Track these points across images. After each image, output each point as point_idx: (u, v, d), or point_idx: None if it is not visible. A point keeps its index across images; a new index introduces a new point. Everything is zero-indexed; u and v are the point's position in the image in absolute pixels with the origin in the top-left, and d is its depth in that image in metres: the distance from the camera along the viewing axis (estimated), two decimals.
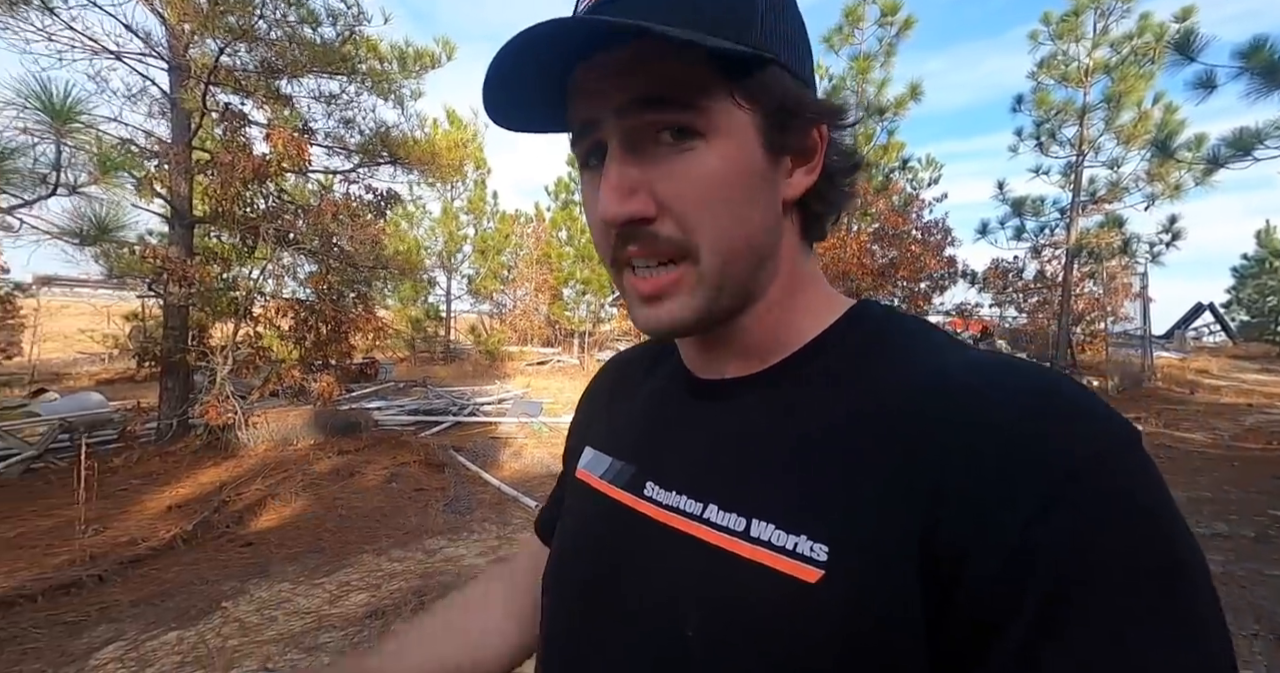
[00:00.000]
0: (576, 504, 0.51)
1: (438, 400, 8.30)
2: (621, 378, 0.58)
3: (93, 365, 11.49)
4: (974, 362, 0.35)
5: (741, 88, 0.36)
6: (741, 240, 0.38)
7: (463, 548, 3.63)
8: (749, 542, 0.35)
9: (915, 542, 0.30)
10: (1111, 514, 0.28)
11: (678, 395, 0.47)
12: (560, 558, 0.49)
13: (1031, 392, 0.32)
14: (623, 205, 0.36)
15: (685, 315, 0.38)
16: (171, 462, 5.01)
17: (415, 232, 14.86)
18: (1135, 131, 10.55)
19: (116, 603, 2.83)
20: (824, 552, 0.32)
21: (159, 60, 5.77)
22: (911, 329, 0.41)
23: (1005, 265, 13.02)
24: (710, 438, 0.42)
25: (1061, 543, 0.27)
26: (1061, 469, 0.28)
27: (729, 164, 0.36)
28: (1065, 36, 11.09)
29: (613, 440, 0.50)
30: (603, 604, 0.42)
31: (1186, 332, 23.81)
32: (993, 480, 0.29)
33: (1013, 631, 0.27)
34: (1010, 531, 0.28)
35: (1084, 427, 0.30)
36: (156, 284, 5.52)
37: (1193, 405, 9.67)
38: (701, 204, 0.36)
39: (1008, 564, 0.28)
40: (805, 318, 0.42)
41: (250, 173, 5.30)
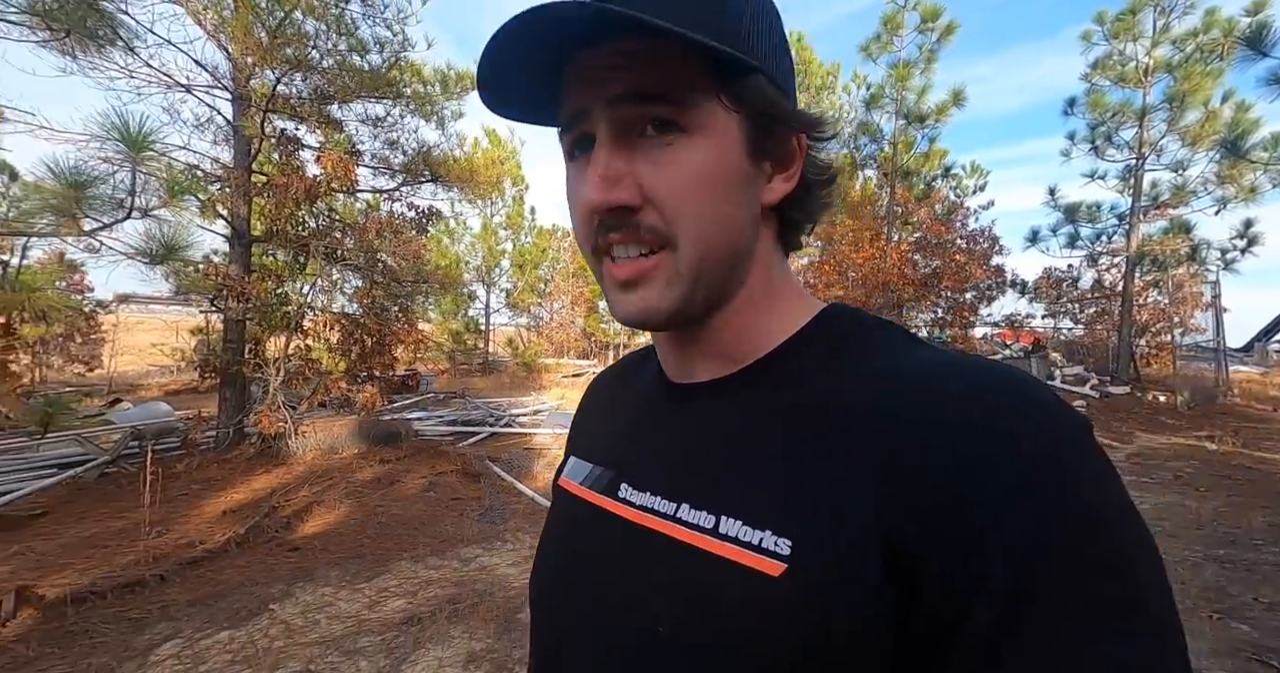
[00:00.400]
0: (556, 511, 0.53)
1: (475, 411, 8.48)
2: (605, 391, 0.60)
3: (162, 377, 12.26)
4: (931, 363, 0.36)
5: (727, 90, 0.37)
6: (720, 236, 0.39)
7: (496, 557, 3.68)
8: (717, 538, 0.36)
9: (879, 541, 0.31)
10: (1061, 512, 0.28)
11: (654, 401, 0.49)
12: (542, 564, 0.51)
13: (981, 389, 0.33)
14: (608, 193, 0.37)
15: (661, 304, 0.39)
16: (228, 468, 5.28)
17: (456, 247, 15.32)
18: (1202, 132, 9.96)
19: (175, 602, 2.98)
20: (787, 546, 0.33)
21: (224, 91, 6.20)
22: (874, 332, 0.42)
23: (1059, 274, 12.42)
24: (684, 440, 0.43)
25: (1019, 542, 0.28)
26: (1013, 468, 0.29)
27: (713, 160, 0.37)
28: (1121, 36, 10.62)
29: (592, 448, 0.52)
30: (580, 606, 0.43)
31: (1269, 344, 22.06)
32: (951, 482, 0.30)
33: (972, 629, 0.28)
34: (969, 532, 0.29)
35: (1032, 423, 0.30)
36: (218, 300, 5.87)
37: (1275, 424, 8.94)
38: (685, 196, 0.37)
39: (965, 564, 0.28)
40: (776, 322, 0.43)
41: (302, 193, 5.61)
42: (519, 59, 0.37)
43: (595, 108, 0.38)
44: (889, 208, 11.12)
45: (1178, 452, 6.86)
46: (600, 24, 0.34)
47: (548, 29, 0.34)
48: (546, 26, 0.34)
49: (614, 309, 0.42)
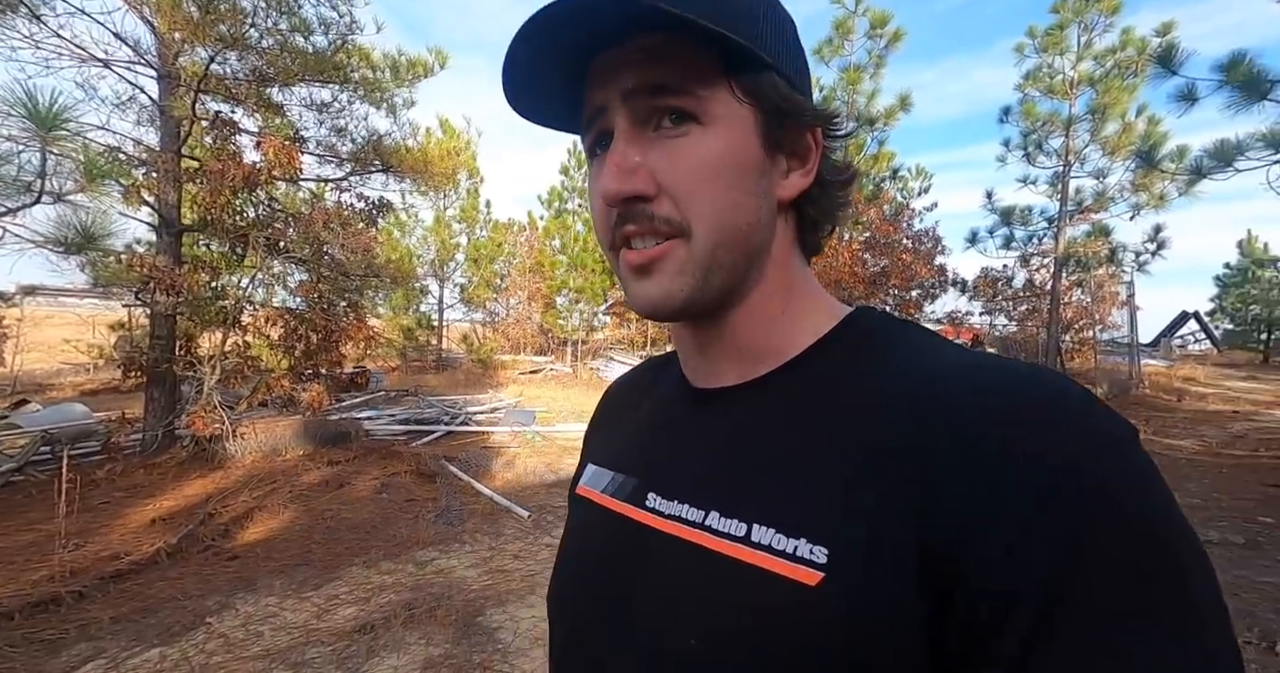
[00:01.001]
0: (577, 521, 0.51)
1: (429, 410, 8.23)
2: (624, 397, 0.59)
3: (76, 376, 11.32)
4: (967, 365, 0.35)
5: (740, 83, 0.38)
6: (733, 224, 0.39)
7: (454, 560, 3.58)
8: (750, 547, 0.35)
9: (914, 548, 0.30)
10: (1103, 516, 0.27)
11: (678, 406, 0.48)
12: (563, 574, 0.49)
13: (1022, 394, 0.32)
14: (623, 183, 0.38)
15: (675, 290, 0.39)
16: (156, 474, 4.92)
17: (408, 240, 14.81)
18: (1120, 143, 10.72)
19: (97, 620, 2.75)
20: (823, 554, 0.32)
21: (148, 68, 5.74)
22: (908, 335, 0.41)
23: (995, 274, 13.14)
24: (710, 446, 0.42)
25: (1055, 547, 0.27)
26: (1052, 472, 0.28)
27: (726, 150, 0.38)
28: (1050, 50, 11.29)
29: (614, 456, 0.51)
30: (607, 617, 0.42)
31: (1172, 340, 24.12)
32: (986, 486, 0.29)
33: (1009, 635, 0.27)
34: (1004, 536, 0.28)
35: (1075, 427, 0.30)
36: (143, 293, 5.44)
37: (1180, 413, 9.78)
38: (697, 185, 0.37)
39: (1002, 570, 0.28)
40: (800, 323, 0.43)
41: (240, 181, 5.27)
42: (539, 56, 0.38)
43: (612, 103, 0.39)
44: None
45: None
46: (622, 14, 0.35)
47: (570, 22, 0.35)
48: (569, 19, 0.35)
49: (631, 301, 0.42)
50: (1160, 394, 11.64)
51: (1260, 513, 4.45)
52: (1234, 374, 17.12)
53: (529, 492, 5.01)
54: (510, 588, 3.20)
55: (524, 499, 4.71)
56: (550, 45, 0.37)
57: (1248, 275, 23.33)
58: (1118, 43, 10.80)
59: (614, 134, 0.39)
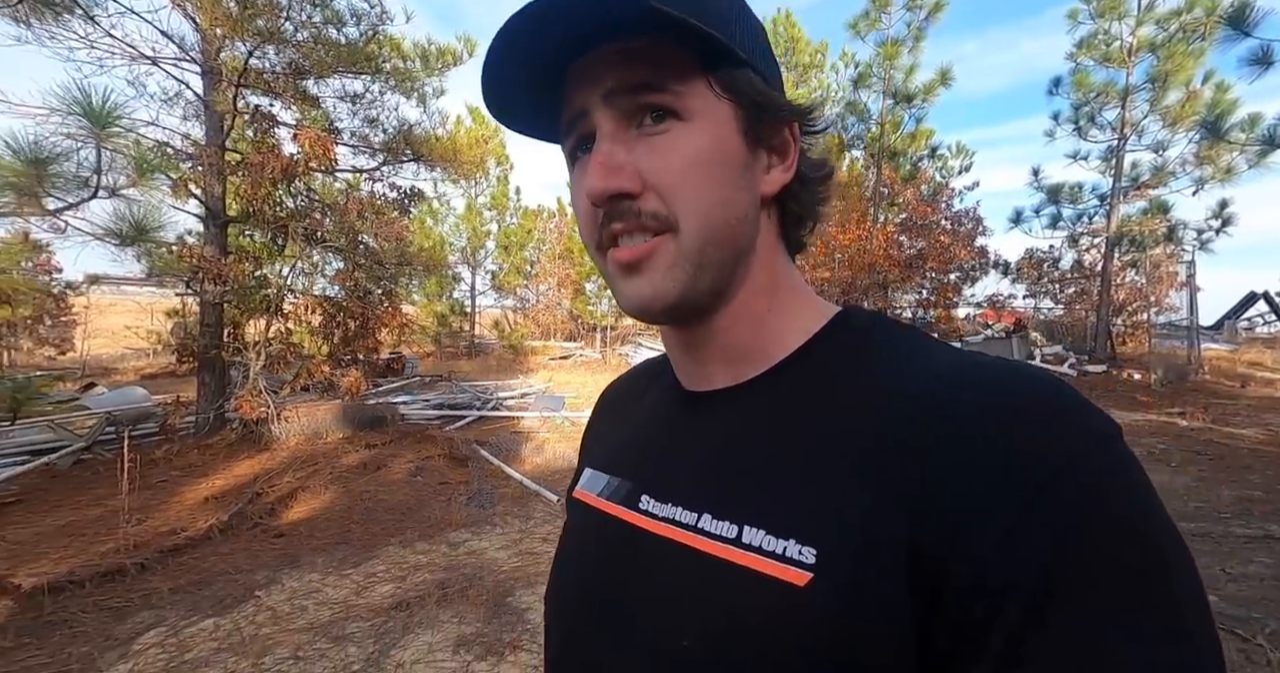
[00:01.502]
0: (573, 523, 0.52)
1: (462, 395, 8.43)
2: (619, 400, 0.60)
3: (138, 360, 12.01)
4: (954, 365, 0.36)
5: (718, 78, 0.38)
6: (721, 218, 0.39)
7: (485, 541, 3.68)
8: (741, 548, 0.35)
9: (903, 549, 0.30)
10: (1088, 516, 0.28)
11: (671, 410, 0.48)
12: (559, 576, 0.50)
13: (1011, 392, 0.32)
14: (609, 181, 0.37)
15: (667, 287, 0.39)
16: (209, 454, 5.20)
17: (440, 228, 15.07)
18: (1183, 113, 10.04)
19: (157, 590, 2.94)
20: (811, 555, 0.33)
21: (192, 64, 5.94)
22: (896, 334, 0.41)
23: (1040, 255, 12.57)
24: (703, 449, 0.43)
25: (1040, 547, 0.28)
26: (1037, 473, 0.29)
27: (710, 143, 0.38)
28: (1107, 14, 10.59)
29: (609, 460, 0.51)
30: (602, 619, 0.42)
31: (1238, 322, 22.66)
32: (972, 487, 0.30)
33: (999, 631, 0.27)
34: (990, 537, 0.28)
35: (1059, 428, 0.30)
36: (193, 282, 5.71)
37: (1244, 400, 9.22)
38: (683, 179, 0.37)
39: (989, 570, 0.28)
40: (788, 323, 0.43)
41: (279, 172, 5.43)
42: (520, 61, 0.38)
43: (593, 105, 0.39)
44: (875, 188, 11.11)
45: (1152, 428, 7.04)
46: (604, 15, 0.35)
47: (549, 25, 0.35)
48: (549, 20, 0.35)
49: (620, 301, 0.42)
50: (1222, 380, 10.98)
51: None
52: None
53: (558, 476, 5.09)
54: (539, 570, 3.27)
55: (553, 484, 4.80)
56: (530, 52, 0.37)
57: None
58: (1184, 3, 10.05)
59: (596, 136, 0.39)
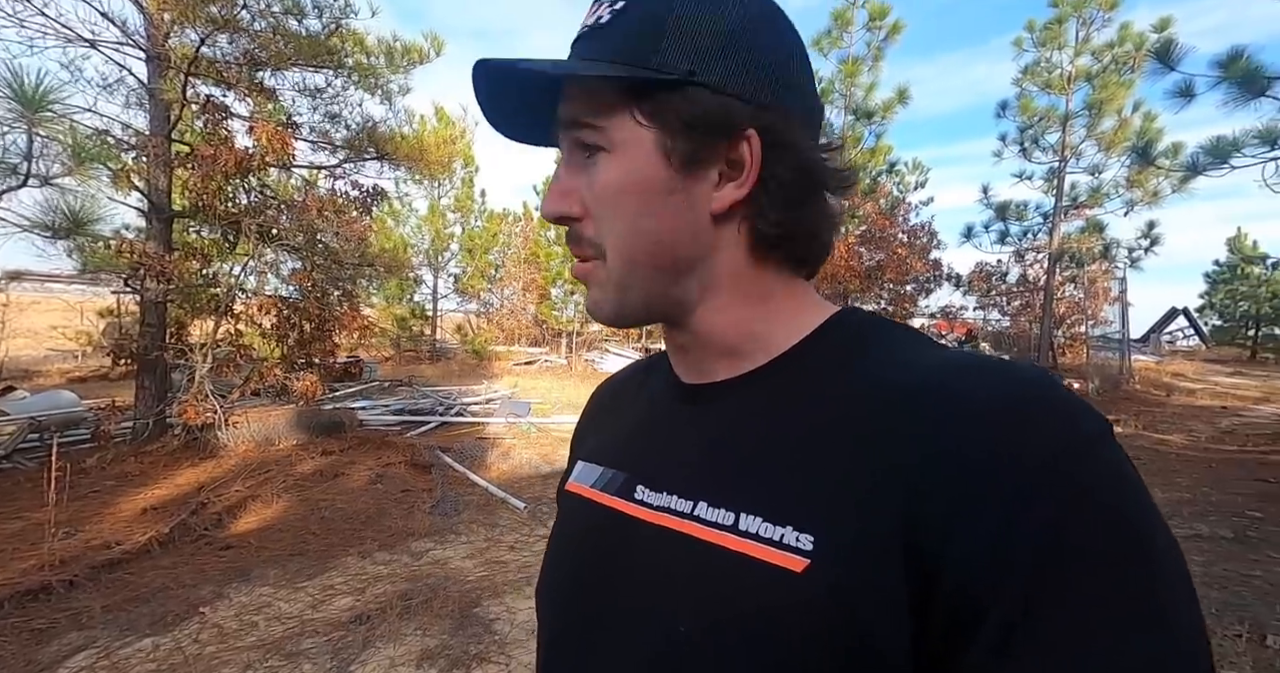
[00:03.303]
0: (566, 516, 0.52)
1: (424, 400, 8.20)
2: (615, 395, 0.60)
3: (64, 363, 11.18)
4: (949, 361, 0.36)
5: (640, 107, 0.39)
6: (642, 246, 0.41)
7: (450, 551, 3.57)
8: (737, 535, 0.36)
9: (899, 539, 0.31)
10: (1081, 510, 0.29)
11: (667, 402, 0.49)
12: (553, 568, 0.50)
13: (1002, 390, 0.33)
14: (554, 205, 0.42)
15: (602, 305, 0.44)
16: (147, 462, 4.87)
17: (401, 229, 14.68)
18: (1115, 138, 10.76)
19: (88, 609, 2.73)
20: (809, 542, 0.33)
21: (136, 50, 5.61)
22: (893, 333, 0.42)
23: (989, 269, 13.21)
24: (699, 439, 0.43)
25: (1033, 540, 0.28)
26: (1031, 467, 0.29)
27: (625, 175, 0.40)
28: (1049, 44, 11.28)
29: (603, 451, 0.51)
30: (597, 608, 0.42)
31: (1162, 336, 24.36)
32: (966, 480, 0.30)
33: (989, 625, 0.28)
34: (983, 527, 0.29)
35: (1053, 422, 0.31)
36: (133, 280, 5.36)
37: (1170, 408, 9.88)
38: (605, 209, 0.41)
39: (982, 562, 0.29)
40: (781, 326, 0.43)
41: (233, 166, 5.18)
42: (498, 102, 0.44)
43: (558, 132, 0.43)
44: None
45: None
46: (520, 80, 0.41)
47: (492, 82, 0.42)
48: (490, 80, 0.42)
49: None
50: (1150, 389, 11.76)
51: (1249, 507, 4.50)
52: (1222, 370, 17.32)
53: (524, 483, 5.00)
54: (507, 579, 3.19)
55: (519, 491, 4.70)
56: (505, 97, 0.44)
57: (1237, 272, 23.54)
58: (1116, 38, 10.80)
59: None
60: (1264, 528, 4.06)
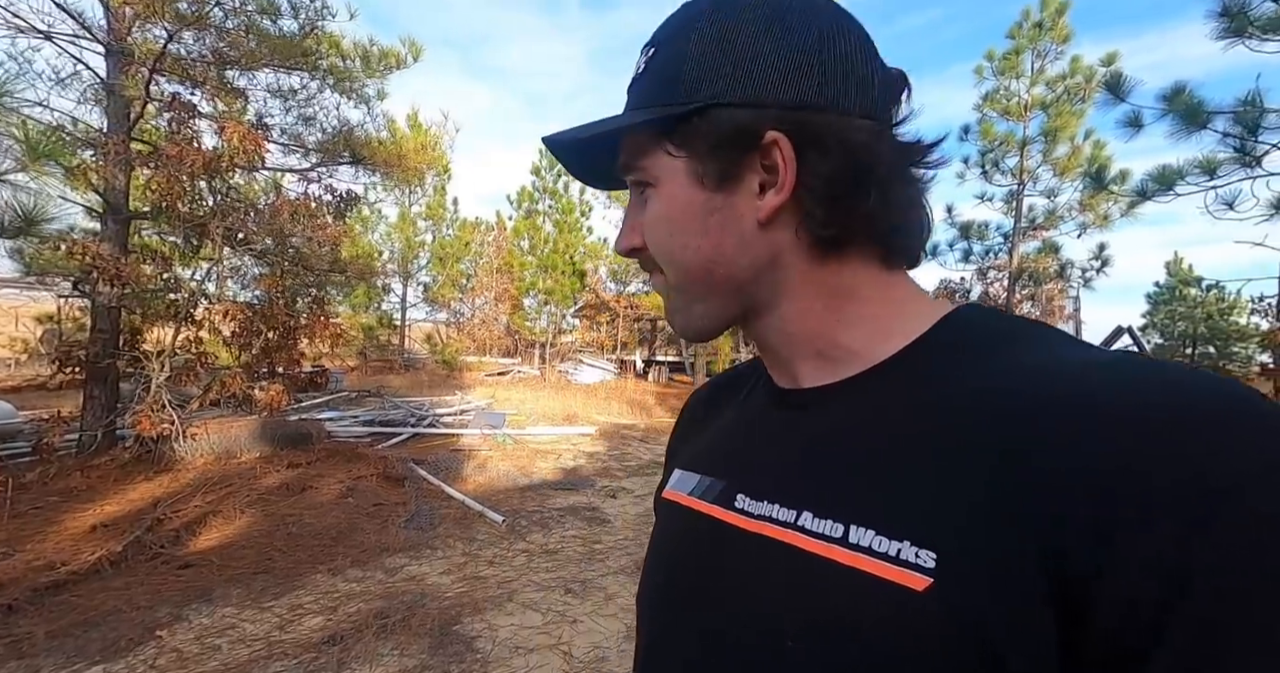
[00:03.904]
0: (663, 525, 0.51)
1: (395, 411, 7.96)
2: (711, 401, 0.59)
3: None
4: (1092, 363, 0.32)
5: (671, 141, 0.42)
6: (688, 267, 0.43)
7: (426, 566, 3.44)
8: (848, 548, 0.34)
9: (1035, 555, 0.28)
10: (1261, 545, 0.25)
11: (765, 408, 0.48)
12: (652, 577, 0.48)
13: (1176, 397, 0.29)
14: (622, 241, 0.47)
15: (673, 317, 0.48)
16: (95, 477, 4.58)
17: (370, 236, 14.36)
18: (1069, 164, 11.34)
19: (29, 636, 2.52)
20: (931, 558, 0.31)
21: (93, 43, 5.38)
22: (1020, 328, 0.39)
23: (953, 286, 13.68)
24: (800, 446, 0.41)
25: (1216, 564, 0.25)
26: (1215, 484, 0.26)
27: (666, 204, 0.43)
28: (1007, 73, 11.86)
29: (701, 459, 0.50)
30: (698, 619, 0.41)
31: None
32: (1126, 494, 0.27)
33: (1160, 657, 0.25)
34: (1149, 554, 0.26)
35: (1242, 430, 0.27)
36: (84, 283, 5.07)
37: None
38: (652, 238, 0.44)
39: (1146, 592, 0.26)
40: (877, 323, 0.41)
41: (200, 167, 4.98)
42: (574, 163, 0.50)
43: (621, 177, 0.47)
44: None
45: None
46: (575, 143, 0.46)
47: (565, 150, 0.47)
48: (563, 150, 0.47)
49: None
50: None
51: None
52: None
53: (502, 495, 4.88)
54: (487, 595, 3.09)
55: (497, 504, 4.59)
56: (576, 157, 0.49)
57: (1175, 294, 24.99)
58: (1068, 70, 11.44)
59: None
60: None
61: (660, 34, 0.44)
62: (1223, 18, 6.34)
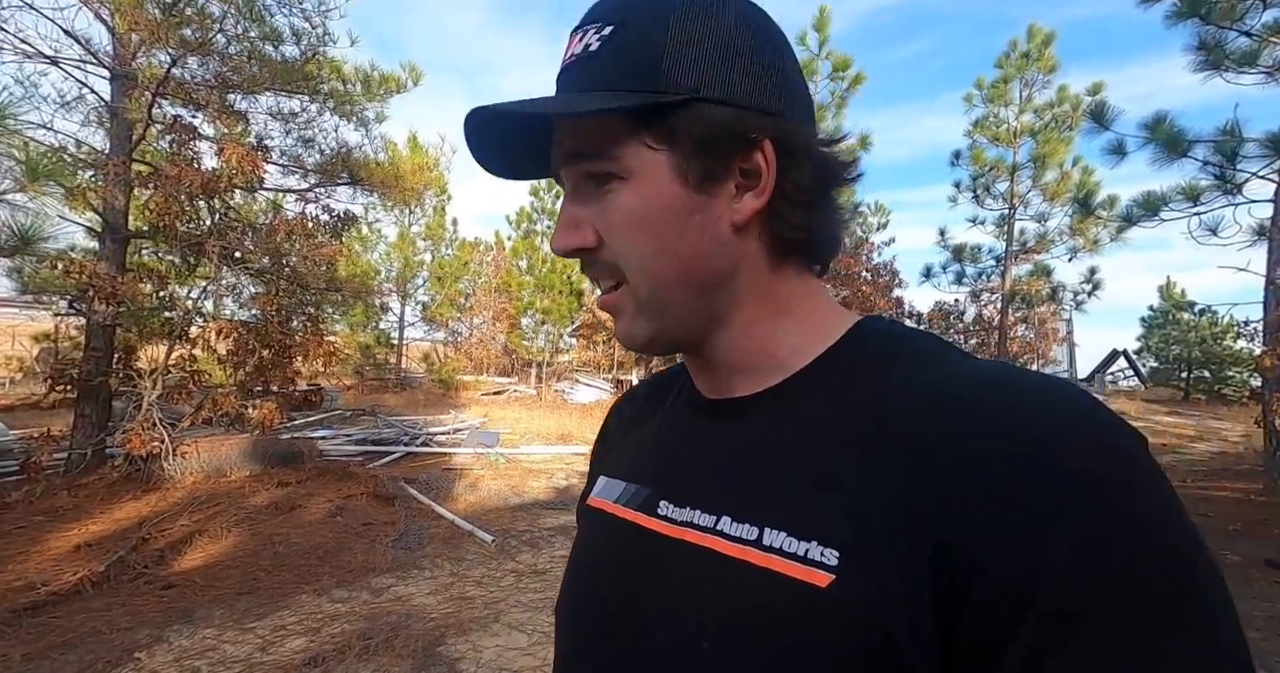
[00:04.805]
0: (588, 531, 0.51)
1: (388, 430, 7.92)
2: (635, 409, 0.58)
3: None
4: (978, 373, 0.36)
5: (651, 132, 0.39)
6: (667, 269, 0.40)
7: (413, 586, 3.40)
8: (761, 550, 0.35)
9: (926, 554, 0.30)
10: (1117, 528, 0.27)
11: (689, 417, 0.48)
12: (573, 582, 0.48)
13: (1037, 403, 0.32)
14: (565, 239, 0.42)
15: (637, 333, 0.43)
16: (83, 496, 4.53)
17: (369, 256, 14.46)
18: (1058, 189, 11.55)
19: (5, 658, 2.48)
20: (834, 557, 0.32)
21: (99, 67, 5.50)
22: (917, 342, 0.41)
23: (947, 308, 13.79)
24: (721, 454, 0.42)
25: (1070, 559, 0.27)
26: (1069, 486, 0.28)
27: (644, 201, 0.39)
28: (996, 101, 12.16)
29: (625, 466, 0.50)
30: (619, 624, 0.41)
31: (1105, 375, 25.59)
32: (998, 498, 0.29)
33: (1019, 645, 0.27)
34: (1015, 549, 0.28)
35: (1090, 440, 0.30)
36: (80, 302, 5.10)
37: None
38: (623, 237, 0.40)
39: (1015, 581, 0.28)
40: (800, 336, 0.43)
41: (199, 187, 5.05)
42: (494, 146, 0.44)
43: (559, 165, 0.42)
44: None
45: None
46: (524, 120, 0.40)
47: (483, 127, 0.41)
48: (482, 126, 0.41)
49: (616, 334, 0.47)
50: None
51: None
52: (1160, 409, 18.23)
53: (493, 515, 4.84)
54: (473, 616, 3.06)
55: (487, 523, 4.55)
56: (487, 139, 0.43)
57: (1168, 318, 25.09)
58: (1055, 98, 11.73)
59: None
60: None
61: (616, 13, 0.39)
62: (1200, 51, 6.55)
